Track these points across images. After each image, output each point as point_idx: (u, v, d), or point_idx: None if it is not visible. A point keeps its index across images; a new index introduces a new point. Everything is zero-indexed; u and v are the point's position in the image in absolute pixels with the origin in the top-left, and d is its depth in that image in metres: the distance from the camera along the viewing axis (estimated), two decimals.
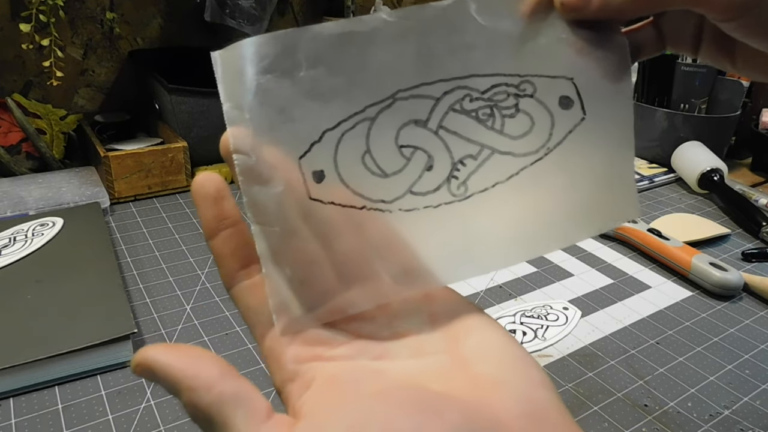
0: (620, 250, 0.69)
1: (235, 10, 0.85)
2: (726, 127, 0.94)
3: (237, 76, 0.22)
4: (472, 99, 0.24)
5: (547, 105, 0.25)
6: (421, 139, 0.24)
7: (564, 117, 0.25)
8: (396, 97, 0.23)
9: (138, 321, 0.52)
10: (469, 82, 0.24)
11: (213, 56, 0.22)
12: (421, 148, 0.24)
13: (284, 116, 0.22)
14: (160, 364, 0.20)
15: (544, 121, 0.25)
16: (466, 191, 0.24)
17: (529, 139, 0.25)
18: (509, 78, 0.24)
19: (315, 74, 0.22)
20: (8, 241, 0.59)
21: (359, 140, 0.23)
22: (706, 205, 0.82)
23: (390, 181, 0.23)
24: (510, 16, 0.24)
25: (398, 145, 0.23)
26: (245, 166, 0.22)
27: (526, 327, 0.53)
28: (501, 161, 0.24)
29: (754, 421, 0.44)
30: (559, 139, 0.25)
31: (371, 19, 0.22)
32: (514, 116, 0.24)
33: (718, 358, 0.51)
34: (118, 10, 0.87)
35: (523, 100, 0.24)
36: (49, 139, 0.81)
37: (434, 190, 0.24)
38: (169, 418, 0.42)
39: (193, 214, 0.72)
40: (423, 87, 0.23)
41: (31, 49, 0.76)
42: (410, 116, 0.23)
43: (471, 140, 0.24)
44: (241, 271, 0.23)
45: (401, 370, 0.21)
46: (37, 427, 0.41)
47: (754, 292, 0.61)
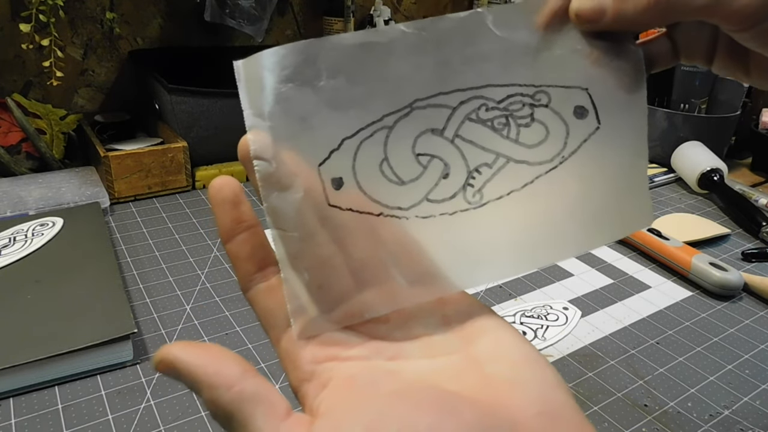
0: (620, 250, 0.69)
1: (235, 10, 0.85)
2: (726, 127, 0.94)
3: (258, 84, 0.22)
4: (487, 108, 0.24)
5: (561, 115, 0.25)
6: (437, 148, 0.24)
7: (579, 126, 0.25)
8: (413, 106, 0.24)
9: (138, 321, 0.51)
10: (485, 92, 0.24)
11: (236, 65, 0.22)
12: (437, 157, 0.24)
13: (305, 124, 0.22)
14: (182, 361, 0.20)
15: (558, 130, 0.25)
16: (481, 199, 0.25)
17: (543, 148, 0.25)
18: (524, 88, 0.25)
19: (335, 84, 0.23)
20: (8, 241, 0.59)
21: (377, 148, 0.23)
22: (706, 205, 0.82)
23: (407, 189, 0.24)
24: (526, 28, 0.24)
25: (415, 154, 0.24)
26: (265, 172, 0.22)
27: (526, 327, 0.53)
28: (516, 170, 0.25)
29: (754, 421, 0.44)
30: (574, 148, 0.25)
31: (390, 30, 0.23)
32: (529, 125, 0.25)
33: (718, 358, 0.51)
34: (118, 10, 0.87)
35: (538, 110, 0.25)
36: (49, 139, 0.81)
37: (450, 198, 0.24)
38: (169, 418, 0.42)
39: (193, 214, 0.72)
40: (440, 96, 0.24)
41: (31, 49, 0.76)
42: (427, 125, 0.24)
43: (486, 149, 0.25)
44: (257, 273, 0.24)
45: (416, 371, 0.22)
46: (37, 427, 0.41)
47: (754, 292, 0.61)
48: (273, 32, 1.01)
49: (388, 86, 0.23)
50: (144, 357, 0.47)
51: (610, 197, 0.26)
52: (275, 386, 0.21)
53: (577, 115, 0.25)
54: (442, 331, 0.23)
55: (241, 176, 0.82)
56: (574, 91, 0.25)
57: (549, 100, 0.25)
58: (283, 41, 1.03)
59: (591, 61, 0.25)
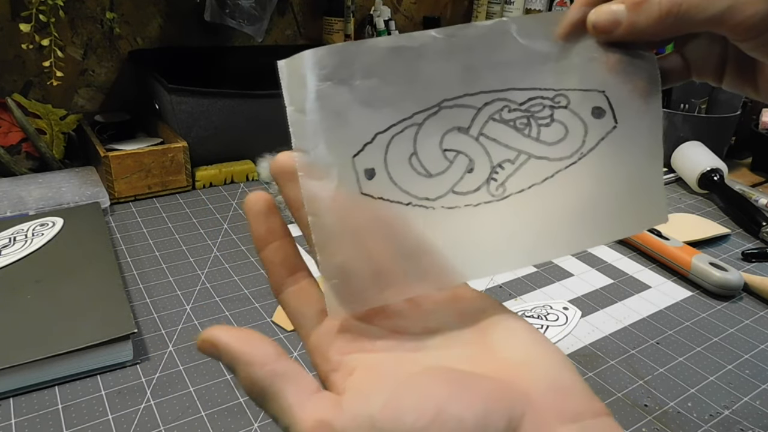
0: (620, 250, 0.69)
1: (235, 10, 0.85)
2: (726, 127, 0.94)
3: (300, 82, 0.24)
4: (510, 110, 0.26)
5: (580, 115, 0.27)
6: (463, 144, 0.26)
7: (596, 125, 0.27)
8: (441, 105, 0.25)
9: (138, 321, 0.52)
10: (507, 95, 0.26)
11: (279, 65, 0.24)
12: (463, 152, 0.26)
13: (341, 120, 0.24)
14: (223, 341, 0.23)
15: (577, 129, 0.27)
16: (504, 192, 0.26)
17: (563, 145, 0.27)
18: (545, 92, 0.26)
19: (369, 84, 0.25)
20: (8, 241, 0.59)
21: (407, 143, 0.25)
22: (706, 205, 0.82)
23: (434, 181, 0.26)
24: (546, 38, 0.26)
25: (442, 149, 0.26)
26: (304, 162, 0.24)
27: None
28: (537, 165, 0.26)
29: (754, 421, 0.44)
30: (592, 145, 0.27)
31: (420, 36, 0.25)
32: (549, 125, 0.26)
33: (718, 358, 0.51)
34: (118, 10, 0.87)
35: (558, 111, 0.26)
36: (49, 139, 0.81)
37: (474, 191, 0.26)
38: (169, 418, 0.42)
39: (193, 214, 0.72)
40: (466, 98, 0.26)
41: (31, 49, 0.76)
42: (454, 123, 0.26)
43: (509, 146, 0.26)
44: (288, 278, 0.26)
45: (434, 358, 0.24)
46: (37, 427, 0.41)
47: (754, 292, 0.61)
48: (273, 32, 1.01)
49: (418, 87, 0.25)
50: (144, 357, 0.47)
51: (626, 193, 0.27)
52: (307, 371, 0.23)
53: (595, 115, 0.27)
54: (459, 325, 0.25)
55: (240, 176, 0.82)
56: (591, 93, 0.27)
57: (568, 102, 0.26)
58: (282, 41, 1.03)
59: (608, 68, 0.27)
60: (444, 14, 1.21)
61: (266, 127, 0.83)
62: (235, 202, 0.75)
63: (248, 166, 0.82)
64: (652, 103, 0.27)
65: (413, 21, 1.17)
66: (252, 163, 0.83)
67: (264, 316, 0.53)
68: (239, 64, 0.96)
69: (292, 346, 0.49)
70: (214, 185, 0.80)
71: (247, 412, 0.42)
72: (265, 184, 0.81)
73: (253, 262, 0.62)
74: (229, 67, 0.95)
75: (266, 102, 0.80)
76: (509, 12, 1.03)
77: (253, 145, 0.84)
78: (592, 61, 0.26)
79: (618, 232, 0.28)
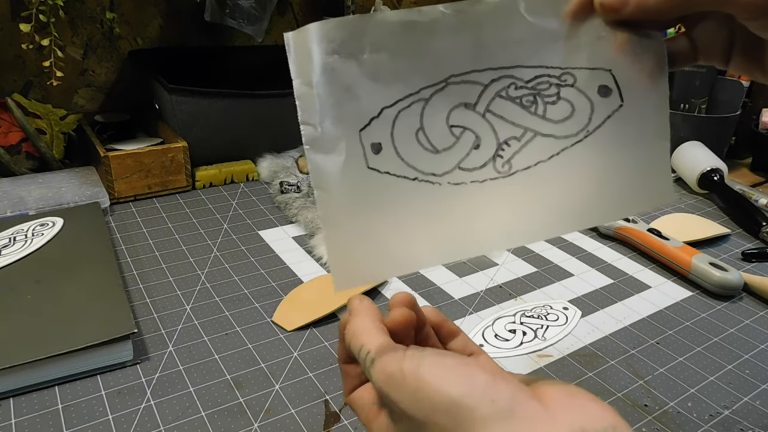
0: (620, 250, 0.69)
1: (235, 10, 0.85)
2: (726, 127, 0.94)
3: (307, 55, 0.24)
4: (517, 87, 0.26)
5: (587, 93, 0.27)
6: (470, 121, 0.26)
7: (603, 103, 0.27)
8: (449, 81, 0.26)
9: (138, 321, 0.51)
10: (515, 72, 0.26)
11: (286, 36, 0.24)
12: (469, 129, 0.26)
13: (349, 94, 0.25)
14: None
15: (584, 107, 0.27)
16: (510, 169, 0.26)
17: (569, 123, 0.27)
18: (552, 70, 0.26)
19: (378, 58, 0.25)
20: (8, 241, 0.59)
21: (414, 118, 0.25)
22: (706, 205, 0.82)
23: (440, 157, 0.26)
24: (555, 16, 0.26)
25: (449, 125, 0.26)
26: (311, 136, 0.24)
27: (526, 327, 0.53)
28: (543, 143, 0.27)
29: (754, 421, 0.44)
30: (599, 123, 0.27)
31: (430, 11, 0.25)
32: (555, 103, 0.27)
33: (718, 358, 0.51)
34: (118, 10, 0.87)
35: (564, 89, 0.27)
36: (49, 139, 0.81)
37: (481, 167, 0.26)
38: (169, 418, 0.42)
39: (193, 214, 0.72)
40: (473, 74, 0.26)
41: (31, 49, 0.76)
42: (461, 99, 0.26)
43: (516, 123, 0.26)
44: (359, 385, 0.30)
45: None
46: (37, 427, 0.41)
47: (754, 292, 0.61)
48: (273, 32, 1.01)
49: (426, 62, 0.25)
50: (144, 357, 0.47)
51: (632, 172, 0.27)
52: (276, 386, 0.23)
53: (602, 94, 0.27)
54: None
55: (240, 176, 0.82)
56: (598, 72, 0.27)
57: (575, 80, 0.27)
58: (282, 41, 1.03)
59: (615, 47, 0.26)
60: None
61: (266, 127, 0.83)
62: (235, 202, 0.75)
63: (248, 166, 0.82)
64: (659, 84, 0.27)
65: None
66: (252, 163, 0.83)
67: (264, 316, 0.53)
68: (239, 64, 0.96)
69: (292, 346, 0.49)
70: (214, 185, 0.80)
71: (247, 412, 0.42)
72: (265, 184, 0.81)
73: (253, 262, 0.62)
74: (229, 67, 0.95)
75: (266, 102, 0.80)
76: None
77: (253, 145, 0.84)
78: (600, 40, 0.26)
79: (625, 210, 0.28)
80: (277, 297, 0.56)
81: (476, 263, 0.64)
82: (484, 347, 0.50)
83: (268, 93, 0.80)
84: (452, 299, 0.57)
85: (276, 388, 0.45)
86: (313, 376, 0.46)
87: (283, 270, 0.61)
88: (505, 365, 0.49)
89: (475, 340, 0.49)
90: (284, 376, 0.46)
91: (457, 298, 0.58)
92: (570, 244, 0.70)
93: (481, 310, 0.56)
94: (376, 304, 0.29)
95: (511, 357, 0.50)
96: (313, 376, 0.46)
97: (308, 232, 0.68)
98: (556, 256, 0.67)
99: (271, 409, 0.43)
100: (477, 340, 0.52)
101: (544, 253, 0.67)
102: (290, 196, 0.75)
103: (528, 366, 0.49)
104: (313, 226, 0.68)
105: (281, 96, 0.81)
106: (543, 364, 0.49)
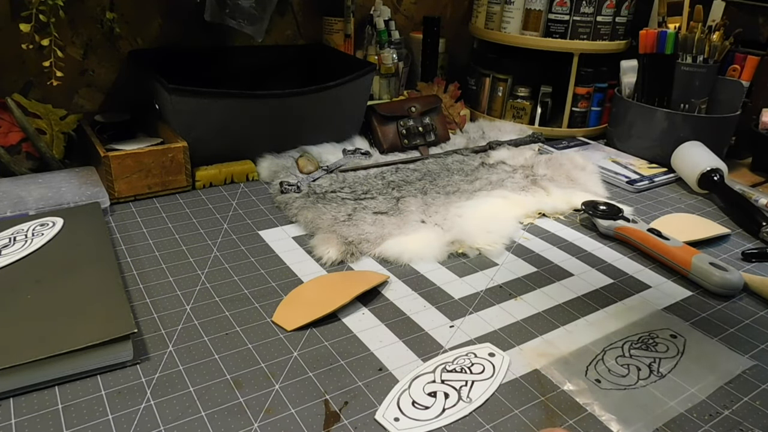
0: (620, 250, 0.69)
1: (235, 10, 0.85)
2: (726, 127, 0.94)
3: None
4: None
5: None
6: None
7: None
8: None
9: (138, 321, 0.52)
10: None
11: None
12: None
13: None
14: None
15: None
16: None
17: None
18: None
19: None
20: (8, 241, 0.59)
21: None
22: (706, 205, 0.82)
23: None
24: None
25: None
26: None
27: (447, 386, 0.46)
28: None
29: (754, 421, 0.44)
30: None
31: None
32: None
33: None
34: (118, 10, 0.87)
35: None
36: (49, 139, 0.81)
37: None
38: (169, 418, 0.42)
39: (193, 214, 0.72)
40: None
41: (31, 49, 0.76)
42: None
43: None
44: None
45: None
46: (37, 427, 0.41)
47: (754, 292, 0.61)
48: (273, 32, 1.01)
49: None
50: (144, 357, 0.47)
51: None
52: (275, 385, 0.22)
53: None
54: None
55: (240, 176, 0.82)
56: None
57: None
58: (282, 41, 1.03)
59: None
60: (444, 14, 1.21)
61: (266, 127, 0.83)
62: (235, 202, 0.75)
63: (248, 166, 0.82)
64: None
65: (413, 21, 1.17)
66: (252, 163, 0.83)
67: (264, 316, 0.53)
68: (239, 64, 0.96)
69: (292, 346, 0.49)
70: (214, 185, 0.80)
71: (247, 412, 0.42)
72: (265, 184, 0.81)
73: (252, 262, 0.62)
74: (229, 67, 0.95)
75: (266, 102, 0.80)
76: (509, 12, 1.03)
77: (253, 145, 0.84)
78: None
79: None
80: (277, 297, 0.56)
81: (476, 263, 0.64)
82: (401, 421, 0.42)
83: (268, 93, 0.80)
84: (452, 299, 0.57)
85: (276, 388, 0.45)
86: (313, 375, 0.46)
87: (283, 270, 0.61)
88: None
89: (389, 413, 0.42)
90: (284, 376, 0.46)
91: (457, 298, 0.58)
92: (570, 244, 0.70)
93: (481, 310, 0.56)
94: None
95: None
96: (313, 375, 0.46)
97: (308, 232, 0.68)
98: (556, 256, 0.67)
99: (271, 408, 0.43)
100: (392, 413, 0.43)
101: (544, 253, 0.67)
102: (290, 196, 0.75)
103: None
104: (313, 226, 0.68)
105: (281, 96, 0.81)
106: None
